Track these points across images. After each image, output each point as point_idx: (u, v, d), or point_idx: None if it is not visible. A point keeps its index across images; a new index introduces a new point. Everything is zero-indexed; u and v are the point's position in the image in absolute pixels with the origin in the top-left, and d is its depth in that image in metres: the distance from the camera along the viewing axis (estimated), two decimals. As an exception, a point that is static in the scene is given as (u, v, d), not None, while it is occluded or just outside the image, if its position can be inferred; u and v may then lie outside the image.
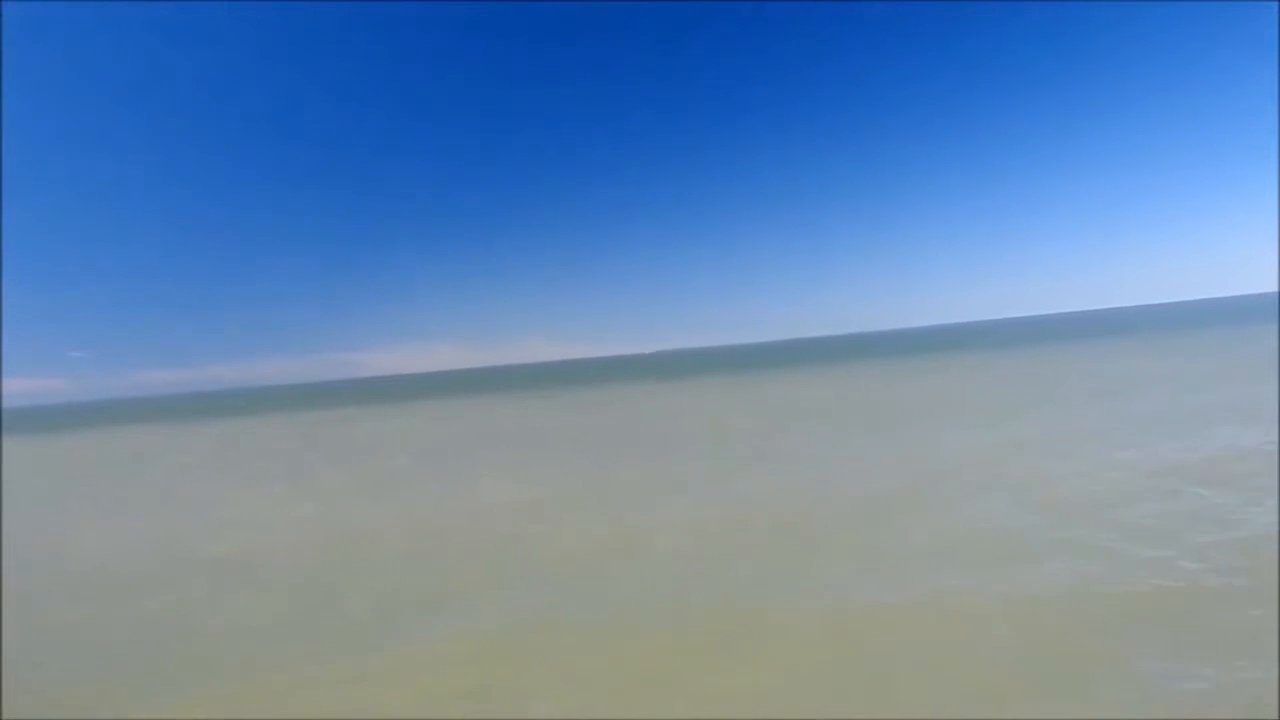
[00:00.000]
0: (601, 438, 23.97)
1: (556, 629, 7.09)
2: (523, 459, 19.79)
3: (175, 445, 36.73)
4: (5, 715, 4.47)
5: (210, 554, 11.68)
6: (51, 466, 31.22)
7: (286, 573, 10.37)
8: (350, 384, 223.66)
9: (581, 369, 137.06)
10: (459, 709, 5.48)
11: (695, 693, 5.54)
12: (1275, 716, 4.84)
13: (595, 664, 6.18)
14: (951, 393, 27.61)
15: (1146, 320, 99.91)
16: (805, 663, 5.99)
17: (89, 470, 28.33)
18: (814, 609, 7.07)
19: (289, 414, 60.11)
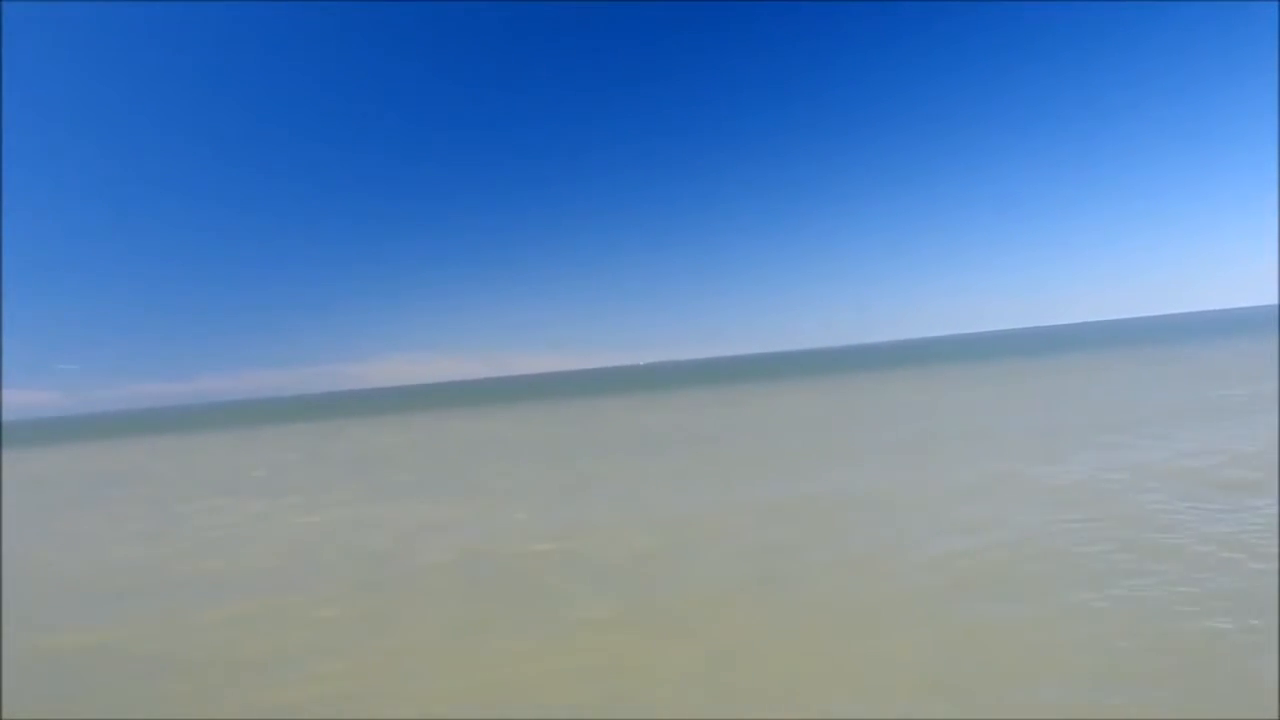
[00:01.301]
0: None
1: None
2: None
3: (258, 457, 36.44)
4: (5, 715, 4.45)
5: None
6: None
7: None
8: (354, 395, 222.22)
9: (581, 380, 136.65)
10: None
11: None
12: (1275, 717, 4.85)
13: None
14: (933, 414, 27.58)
15: (1148, 332, 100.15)
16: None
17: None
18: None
19: (299, 425, 59.88)
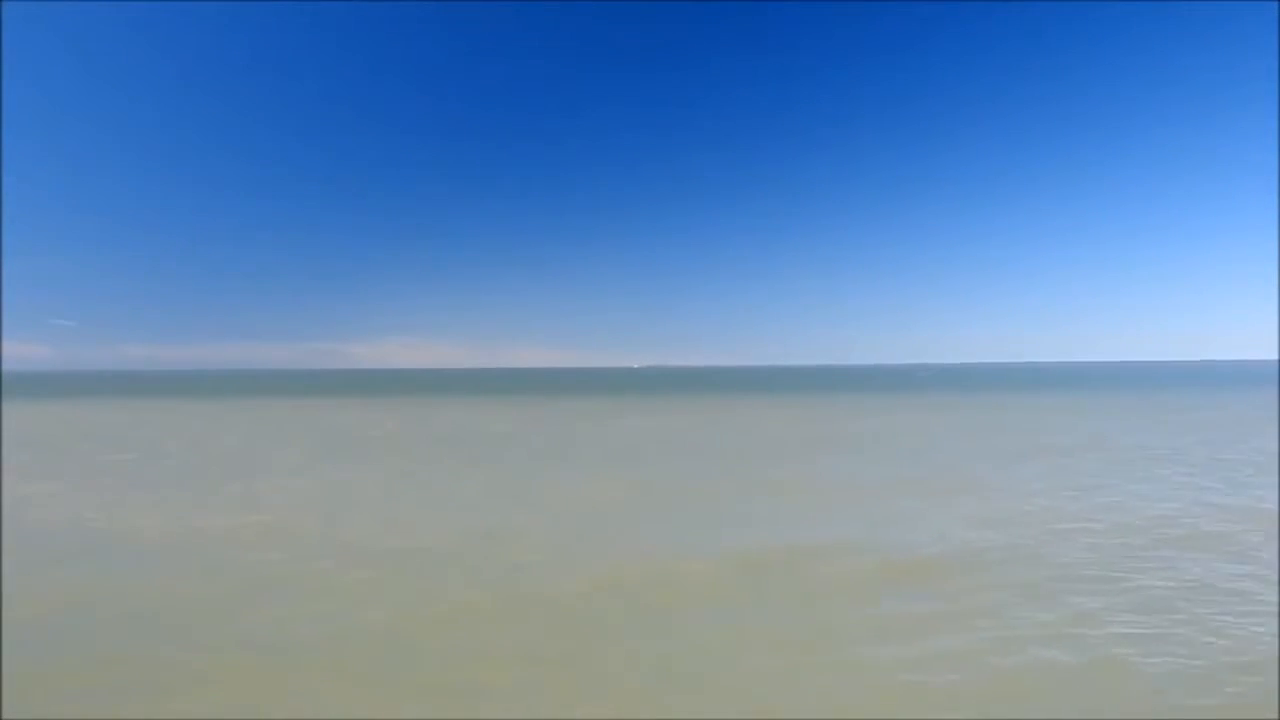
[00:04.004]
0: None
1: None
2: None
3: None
4: (5, 715, 4.43)
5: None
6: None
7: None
8: (351, 374, 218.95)
9: (574, 378, 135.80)
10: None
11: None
12: (1275, 717, 4.86)
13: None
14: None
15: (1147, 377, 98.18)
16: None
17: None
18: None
19: (311, 400, 59.70)
